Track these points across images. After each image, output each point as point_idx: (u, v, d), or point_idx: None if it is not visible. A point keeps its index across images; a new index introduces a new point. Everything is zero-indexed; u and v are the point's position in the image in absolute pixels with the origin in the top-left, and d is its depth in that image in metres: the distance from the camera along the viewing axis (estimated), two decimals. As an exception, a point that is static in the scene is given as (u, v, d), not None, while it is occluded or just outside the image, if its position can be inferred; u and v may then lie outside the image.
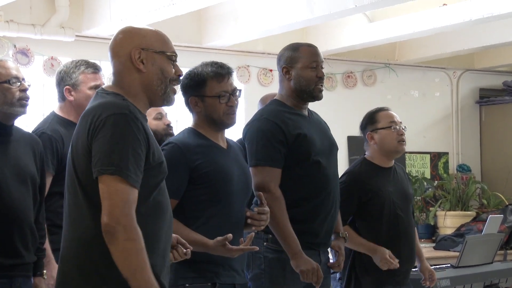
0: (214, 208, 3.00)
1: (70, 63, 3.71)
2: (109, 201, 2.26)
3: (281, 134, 3.41)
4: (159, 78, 2.48)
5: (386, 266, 3.84)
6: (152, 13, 5.26)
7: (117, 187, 2.26)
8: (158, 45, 2.50)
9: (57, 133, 3.57)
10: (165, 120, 4.17)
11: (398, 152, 4.02)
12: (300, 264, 3.35)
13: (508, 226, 6.30)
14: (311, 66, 3.51)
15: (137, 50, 2.46)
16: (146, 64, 2.46)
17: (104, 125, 2.31)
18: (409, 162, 7.77)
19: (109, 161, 2.27)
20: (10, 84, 3.09)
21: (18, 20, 5.61)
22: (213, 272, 2.99)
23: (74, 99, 3.64)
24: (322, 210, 3.48)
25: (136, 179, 2.29)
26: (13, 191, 3.06)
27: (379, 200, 3.92)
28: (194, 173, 2.99)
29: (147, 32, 2.52)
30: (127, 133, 2.30)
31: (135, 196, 2.29)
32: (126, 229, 2.24)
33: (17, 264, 3.07)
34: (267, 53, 6.79)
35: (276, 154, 3.39)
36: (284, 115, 3.48)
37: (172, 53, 2.52)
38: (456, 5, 5.88)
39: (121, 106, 2.36)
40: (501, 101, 8.04)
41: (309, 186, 3.45)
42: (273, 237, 3.41)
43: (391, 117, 4.04)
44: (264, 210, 3.07)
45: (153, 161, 2.38)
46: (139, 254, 2.25)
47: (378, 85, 7.60)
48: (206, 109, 3.09)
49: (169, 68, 2.50)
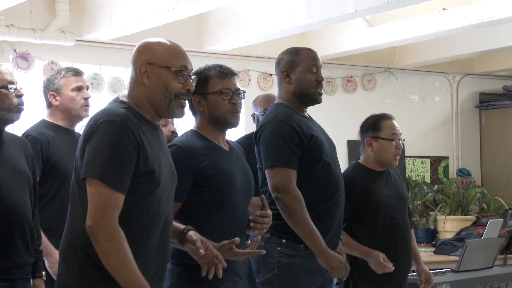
0: (218, 211, 2.99)
1: (52, 72, 3.93)
2: (91, 204, 2.39)
3: (296, 136, 3.43)
4: (162, 93, 2.56)
5: (381, 270, 3.84)
6: (152, 18, 5.26)
7: (99, 190, 2.38)
8: (165, 60, 2.57)
9: (43, 136, 3.70)
10: (170, 127, 4.24)
11: (391, 166, 4.06)
12: (329, 260, 3.39)
13: (508, 230, 6.30)
14: (311, 70, 3.54)
15: (144, 65, 2.56)
16: (151, 79, 2.56)
17: (97, 130, 2.43)
18: (409, 167, 7.77)
19: (93, 165, 2.40)
20: (8, 90, 3.09)
21: (18, 24, 5.62)
22: (216, 277, 2.98)
23: (60, 103, 3.80)
24: (333, 211, 3.51)
25: (119, 184, 2.39)
26: (12, 193, 3.06)
27: (374, 203, 3.92)
28: (198, 175, 2.98)
29: (158, 46, 2.60)
30: (115, 140, 2.41)
31: (118, 199, 2.39)
32: (105, 230, 2.35)
33: (18, 266, 3.07)
34: (267, 57, 6.79)
35: (292, 155, 3.41)
36: (295, 117, 3.50)
37: (179, 68, 2.57)
38: (456, 10, 5.89)
39: (116, 114, 2.47)
40: (501, 105, 8.04)
41: (324, 188, 3.48)
42: (287, 242, 3.44)
43: (394, 129, 4.04)
44: (266, 214, 3.07)
45: (143, 168, 2.45)
46: (120, 254, 2.36)
47: (378, 90, 7.60)
48: (209, 106, 3.07)
49: (174, 83, 2.56)
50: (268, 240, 3.46)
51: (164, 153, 2.63)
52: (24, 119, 3.32)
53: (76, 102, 3.79)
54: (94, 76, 6.08)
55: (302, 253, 3.44)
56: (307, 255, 3.44)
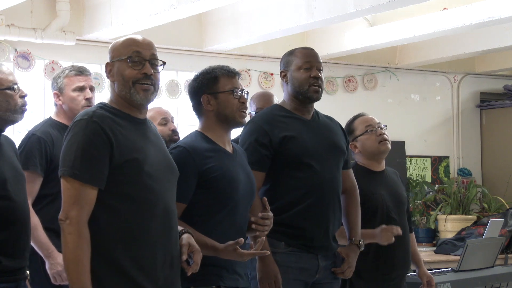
0: (220, 212, 3.00)
1: (59, 70, 3.91)
2: (63, 198, 2.54)
3: (265, 136, 3.41)
4: (122, 84, 2.68)
5: (389, 238, 3.78)
6: (152, 17, 5.26)
7: (68, 186, 2.52)
8: (119, 53, 2.69)
9: (47, 135, 3.67)
10: (170, 126, 4.19)
11: (382, 152, 3.99)
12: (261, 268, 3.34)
13: (509, 230, 6.30)
14: (304, 67, 3.50)
15: (108, 64, 2.72)
16: (113, 75, 2.71)
17: (69, 132, 2.61)
18: (410, 166, 7.77)
19: (64, 163, 2.56)
20: (13, 90, 3.08)
21: (19, 24, 5.62)
22: (217, 275, 2.98)
23: (62, 103, 3.79)
24: (314, 214, 3.44)
25: (89, 178, 2.51)
26: (18, 194, 3.05)
27: (372, 203, 3.91)
28: (202, 177, 2.98)
29: (116, 44, 2.73)
30: (81, 137, 2.55)
31: (88, 194, 2.51)
32: (72, 223, 2.48)
33: (22, 267, 3.08)
34: (267, 57, 6.80)
35: (260, 157, 3.39)
36: (275, 118, 3.48)
37: (130, 55, 2.65)
38: (456, 9, 5.89)
39: (86, 113, 2.62)
40: (502, 105, 8.04)
41: (297, 190, 3.43)
42: (267, 239, 3.41)
43: (365, 122, 4.01)
44: (268, 215, 3.06)
45: (119, 158, 2.55)
46: (76, 250, 2.46)
47: (379, 89, 7.60)
48: (220, 105, 3.07)
49: (128, 71, 2.67)
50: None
51: (153, 144, 2.70)
52: (24, 118, 3.31)
53: (77, 103, 3.75)
54: (95, 75, 6.06)
55: (282, 249, 3.41)
56: (288, 252, 3.42)
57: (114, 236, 2.54)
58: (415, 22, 6.18)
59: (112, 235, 2.54)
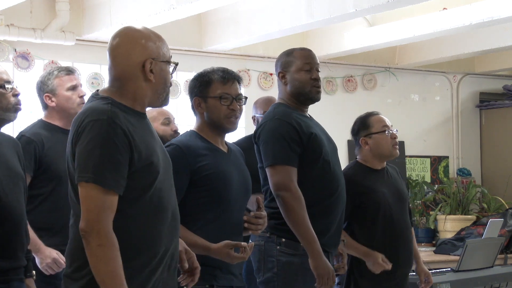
0: (214, 211, 3.01)
1: (44, 73, 3.91)
2: (84, 207, 2.33)
3: (296, 134, 3.44)
4: (164, 87, 2.55)
5: (379, 270, 3.85)
6: (152, 17, 5.27)
7: (91, 193, 2.32)
8: (166, 55, 2.56)
9: (37, 136, 3.69)
10: (172, 126, 4.23)
11: (392, 156, 4.05)
12: (318, 266, 3.37)
13: (508, 230, 6.30)
14: (305, 69, 3.54)
15: (149, 61, 2.50)
16: (155, 74, 2.52)
17: (84, 132, 2.37)
18: (409, 166, 7.77)
19: (86, 168, 2.34)
20: (5, 89, 3.06)
21: (18, 24, 5.62)
22: (211, 274, 2.99)
23: (56, 104, 3.79)
24: (333, 210, 3.51)
25: (114, 184, 2.34)
26: (9, 193, 3.03)
27: (374, 201, 3.92)
28: (195, 175, 2.99)
29: (153, 39, 2.59)
30: (104, 139, 2.34)
31: (112, 201, 2.34)
32: (100, 235, 2.30)
33: (14, 267, 3.05)
34: (267, 57, 6.80)
35: (292, 153, 3.42)
36: (294, 115, 3.51)
37: (171, 59, 2.58)
38: (456, 9, 5.89)
39: (101, 112, 2.39)
40: (501, 105, 8.04)
41: (323, 186, 3.49)
42: (286, 241, 3.44)
43: (383, 121, 4.04)
44: (261, 214, 3.07)
45: (138, 163, 2.40)
46: (109, 262, 2.30)
47: (379, 89, 7.61)
48: (208, 110, 3.09)
49: (169, 75, 2.58)
50: (267, 239, 3.47)
51: (157, 142, 2.57)
52: (25, 119, 3.31)
53: (72, 101, 3.78)
54: (95, 75, 6.08)
55: (301, 252, 3.44)
56: (306, 254, 3.44)
57: (124, 244, 2.36)
58: (415, 22, 6.18)
59: (123, 242, 2.36)
